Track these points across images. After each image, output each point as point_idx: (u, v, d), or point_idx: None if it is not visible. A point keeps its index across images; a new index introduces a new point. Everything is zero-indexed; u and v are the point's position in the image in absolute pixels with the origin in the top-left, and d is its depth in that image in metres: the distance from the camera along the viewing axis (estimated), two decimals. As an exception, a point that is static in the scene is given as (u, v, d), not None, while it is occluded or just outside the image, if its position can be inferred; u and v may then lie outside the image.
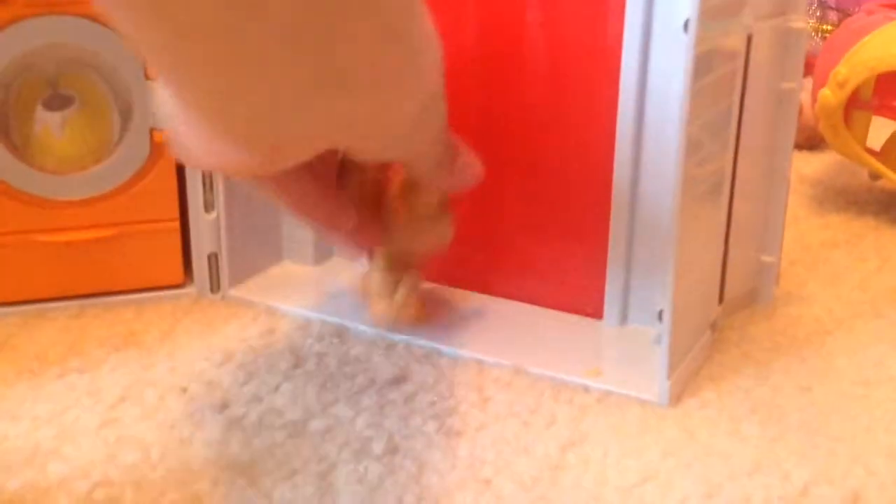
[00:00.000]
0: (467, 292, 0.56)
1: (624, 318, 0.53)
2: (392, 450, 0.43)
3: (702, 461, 0.42)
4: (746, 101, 0.51)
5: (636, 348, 0.51)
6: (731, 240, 0.52)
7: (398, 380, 0.48)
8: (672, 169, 0.44)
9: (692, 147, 0.44)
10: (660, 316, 0.48)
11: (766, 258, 0.55)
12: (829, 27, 1.14)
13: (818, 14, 1.19)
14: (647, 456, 0.42)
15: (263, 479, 0.41)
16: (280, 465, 0.41)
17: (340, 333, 0.52)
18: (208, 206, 0.55)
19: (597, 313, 0.53)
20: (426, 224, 0.50)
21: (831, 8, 1.20)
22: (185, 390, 0.47)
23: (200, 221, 0.55)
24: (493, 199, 0.54)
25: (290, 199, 0.44)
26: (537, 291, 0.54)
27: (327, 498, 0.40)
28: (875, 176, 0.75)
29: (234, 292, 0.56)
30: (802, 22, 0.52)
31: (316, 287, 0.57)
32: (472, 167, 0.47)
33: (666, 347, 0.45)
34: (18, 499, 0.39)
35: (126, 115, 0.53)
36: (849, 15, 1.02)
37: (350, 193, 0.46)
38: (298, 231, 0.59)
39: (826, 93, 0.69)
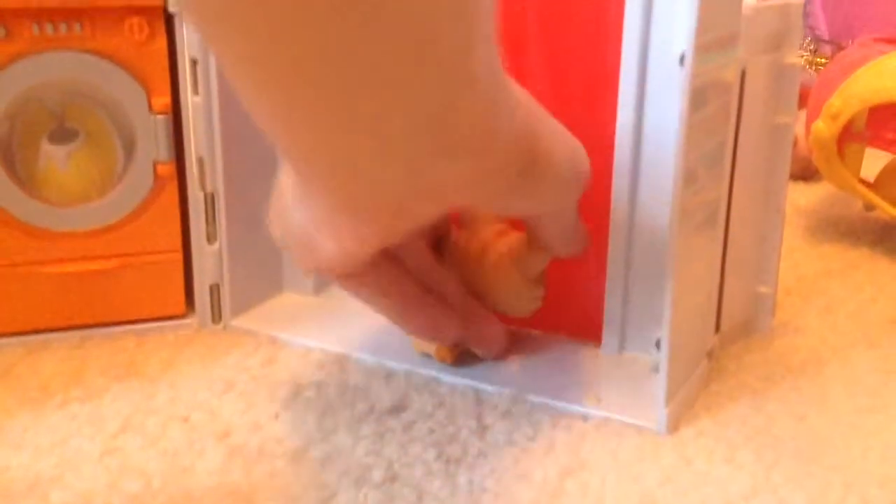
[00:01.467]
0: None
1: (622, 345, 0.53)
2: (391, 477, 0.43)
3: (699, 488, 0.42)
4: (741, 135, 0.51)
5: (634, 376, 0.51)
6: (728, 270, 0.53)
7: (397, 408, 0.48)
8: (668, 200, 0.44)
9: (688, 178, 0.45)
10: (657, 344, 0.48)
11: (762, 289, 0.56)
12: (824, 60, 1.16)
13: (812, 47, 1.20)
14: (644, 483, 0.43)
15: (264, 507, 0.41)
16: (280, 493, 0.42)
17: (340, 362, 0.53)
18: (211, 238, 0.56)
19: (595, 340, 0.54)
20: (525, 289, 0.50)
21: (825, 41, 1.21)
22: (186, 419, 0.47)
23: (203, 252, 0.56)
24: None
25: (392, 301, 0.47)
26: (536, 317, 0.54)
27: (327, 526, 0.40)
28: (869, 207, 0.76)
29: (235, 322, 0.57)
30: (796, 57, 0.53)
31: (316, 317, 0.58)
32: (585, 234, 0.48)
33: (664, 376, 0.46)
34: (21, 527, 0.39)
35: (129, 149, 0.54)
36: (842, 48, 1.04)
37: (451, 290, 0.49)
38: (299, 262, 0.60)
39: (820, 125, 0.70)
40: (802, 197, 0.82)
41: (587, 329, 0.54)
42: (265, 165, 0.58)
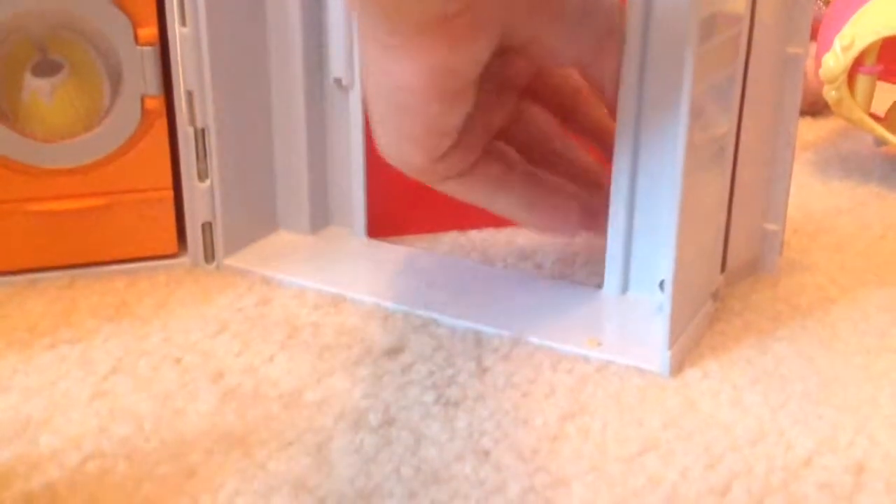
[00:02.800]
0: (465, 260, 0.56)
1: (625, 286, 0.52)
2: (389, 421, 0.42)
3: (703, 432, 0.41)
4: (751, 67, 0.50)
5: (637, 318, 0.50)
6: (735, 208, 0.51)
7: (395, 350, 0.47)
8: (674, 135, 0.43)
9: (695, 113, 0.43)
10: (661, 285, 0.47)
11: (770, 226, 0.55)
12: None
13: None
14: (647, 426, 0.42)
15: (258, 450, 0.40)
16: (275, 437, 0.41)
17: (336, 303, 0.52)
18: (202, 175, 0.54)
19: (597, 282, 0.52)
20: None
21: (835, -28, 1.18)
22: (178, 361, 0.46)
23: (194, 190, 0.54)
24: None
25: (511, 193, 0.48)
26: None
27: (323, 469, 0.39)
28: (879, 142, 0.74)
29: (228, 262, 0.56)
30: (807, -15, 0.51)
31: (312, 256, 0.57)
32: None
33: (667, 318, 0.45)
34: (9, 471, 0.39)
35: (116, 82, 0.52)
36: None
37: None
38: (294, 199, 0.58)
39: (830, 57, 0.68)
40: (811, 132, 0.80)
41: (588, 272, 0.52)
42: (257, 99, 0.56)
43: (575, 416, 0.42)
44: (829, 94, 0.70)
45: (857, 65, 0.68)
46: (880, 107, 0.72)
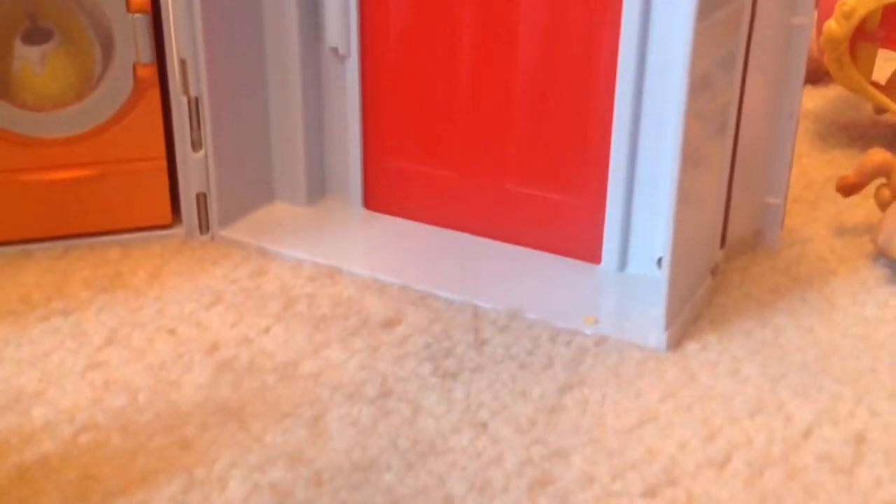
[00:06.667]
0: (463, 234, 0.55)
1: (623, 263, 0.51)
2: (386, 392, 0.42)
3: (702, 403, 0.41)
4: (755, 37, 0.49)
5: (635, 294, 0.50)
6: (736, 181, 0.51)
7: (392, 322, 0.47)
8: (675, 107, 0.42)
9: (696, 86, 0.42)
10: (659, 263, 0.46)
11: (771, 199, 0.54)
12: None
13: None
14: (646, 398, 0.41)
15: (254, 422, 0.40)
16: (271, 409, 0.41)
17: (332, 275, 0.51)
18: (196, 145, 0.54)
19: (595, 257, 0.52)
20: None
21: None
22: (173, 332, 0.46)
23: (188, 160, 0.54)
24: (491, 138, 0.52)
25: None
26: (534, 234, 0.53)
27: (320, 441, 0.39)
28: (880, 110, 0.73)
29: (223, 233, 0.55)
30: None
31: (308, 228, 0.56)
32: None
33: (665, 297, 0.44)
34: (2, 443, 0.38)
35: (108, 50, 0.51)
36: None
37: None
38: (290, 170, 0.58)
39: (832, 24, 0.67)
40: (811, 100, 0.79)
41: (586, 247, 0.52)
42: (252, 68, 0.55)
43: (573, 388, 0.42)
44: (830, 61, 0.69)
45: (858, 32, 0.67)
46: (881, 75, 0.71)
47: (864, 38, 0.68)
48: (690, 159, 0.43)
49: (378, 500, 0.36)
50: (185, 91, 0.52)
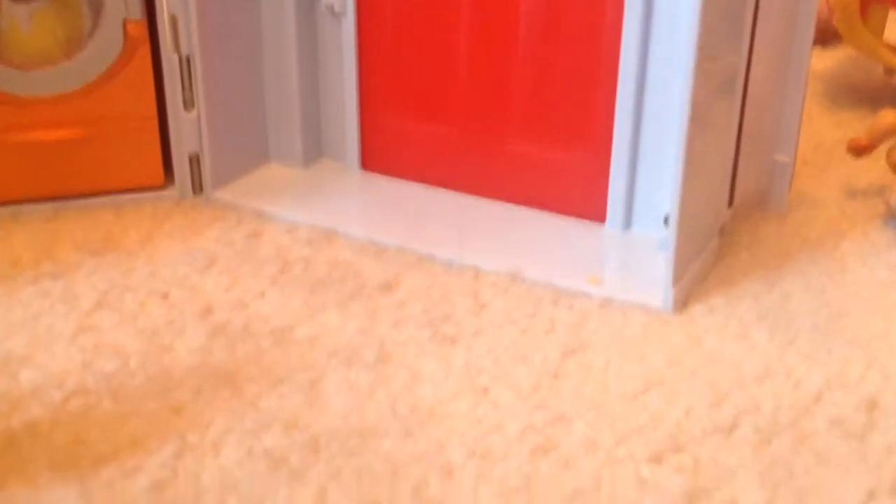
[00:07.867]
0: (463, 195, 0.54)
1: (628, 222, 0.50)
2: (384, 357, 0.41)
3: (708, 368, 0.40)
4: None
5: (640, 254, 0.49)
6: (744, 139, 0.49)
7: (389, 285, 0.46)
8: (682, 63, 0.41)
9: (704, 39, 0.41)
10: (665, 221, 0.45)
11: (781, 157, 0.53)
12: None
13: None
14: (651, 363, 0.40)
15: (248, 387, 0.39)
16: (266, 374, 0.40)
17: (329, 237, 0.50)
18: (188, 104, 0.52)
19: (599, 217, 0.51)
20: None
21: None
22: (165, 296, 0.45)
23: (180, 120, 0.52)
24: (492, 94, 0.51)
25: None
26: (536, 194, 0.51)
27: (316, 407, 0.38)
28: (890, 71, 0.72)
29: (217, 194, 0.54)
30: None
31: (304, 190, 0.55)
32: None
33: (672, 254, 0.43)
34: (-11, 409, 0.37)
35: (97, 7, 0.50)
36: None
37: None
38: (286, 131, 0.56)
39: (842, -17, 0.66)
40: (820, 62, 0.77)
41: (590, 206, 0.51)
42: (246, 26, 0.54)
43: (576, 353, 0.41)
44: (840, 22, 0.68)
45: (869, -9, 0.66)
46: (893, 36, 0.70)
47: (876, -3, 0.67)
48: (698, 117, 0.42)
49: (376, 467, 0.35)
50: (177, 49, 0.51)
